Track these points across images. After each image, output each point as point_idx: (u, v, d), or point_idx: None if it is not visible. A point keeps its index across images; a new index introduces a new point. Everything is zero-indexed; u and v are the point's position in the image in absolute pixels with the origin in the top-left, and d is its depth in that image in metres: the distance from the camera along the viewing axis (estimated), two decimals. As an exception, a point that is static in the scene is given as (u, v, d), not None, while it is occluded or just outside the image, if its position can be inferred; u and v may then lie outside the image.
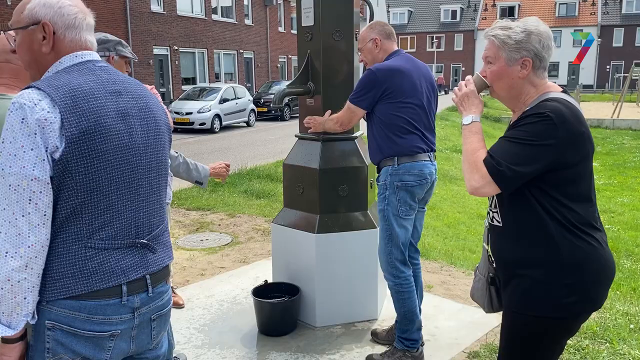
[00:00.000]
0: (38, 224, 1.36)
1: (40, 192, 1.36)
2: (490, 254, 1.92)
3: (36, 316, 1.41)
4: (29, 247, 1.35)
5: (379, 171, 3.04)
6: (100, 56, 2.62)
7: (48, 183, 1.37)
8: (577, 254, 1.72)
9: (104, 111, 1.45)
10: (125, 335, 1.52)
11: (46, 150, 1.36)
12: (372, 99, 2.91)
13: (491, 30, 1.82)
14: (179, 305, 3.90)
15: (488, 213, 1.93)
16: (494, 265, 1.92)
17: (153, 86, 2.89)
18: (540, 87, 1.80)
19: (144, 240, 1.56)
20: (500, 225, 1.84)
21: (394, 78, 2.88)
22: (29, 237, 1.35)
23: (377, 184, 3.04)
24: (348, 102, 3.01)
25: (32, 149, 1.35)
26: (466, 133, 1.82)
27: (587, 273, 1.73)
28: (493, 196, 1.85)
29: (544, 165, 1.67)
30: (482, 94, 1.91)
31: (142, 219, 1.57)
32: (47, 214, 1.38)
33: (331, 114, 3.25)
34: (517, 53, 1.76)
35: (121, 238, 1.50)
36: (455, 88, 1.93)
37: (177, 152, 2.70)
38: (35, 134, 1.35)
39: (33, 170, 1.35)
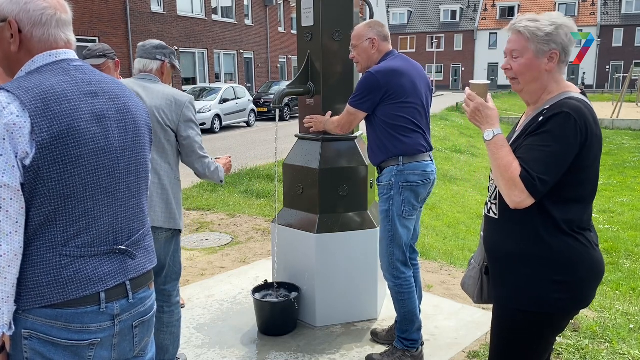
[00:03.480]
0: (10, 232, 1.31)
1: (11, 199, 1.30)
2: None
3: (13, 327, 1.36)
4: (0, 256, 1.30)
5: (380, 172, 3.03)
6: (158, 59, 2.64)
7: (19, 190, 1.31)
8: (567, 252, 1.74)
9: (77, 114, 1.39)
10: (106, 343, 1.47)
11: (16, 157, 1.30)
12: (372, 102, 2.89)
13: (519, 23, 1.79)
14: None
15: (486, 203, 1.93)
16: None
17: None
18: (561, 84, 1.80)
19: (122, 247, 1.51)
20: (496, 217, 1.85)
21: (394, 79, 2.87)
22: (0, 246, 1.30)
23: (379, 185, 3.02)
24: (348, 105, 2.98)
25: (0, 155, 1.29)
26: (492, 148, 1.76)
27: (576, 271, 1.75)
28: (495, 187, 1.86)
29: (568, 163, 1.68)
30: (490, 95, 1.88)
31: (121, 225, 1.51)
32: (19, 221, 1.33)
33: (332, 115, 3.25)
34: (546, 45, 1.75)
35: (98, 245, 1.45)
36: (464, 105, 1.89)
37: (213, 159, 2.77)
38: (4, 139, 1.29)
39: (2, 177, 1.29)
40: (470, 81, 1.87)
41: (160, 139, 2.56)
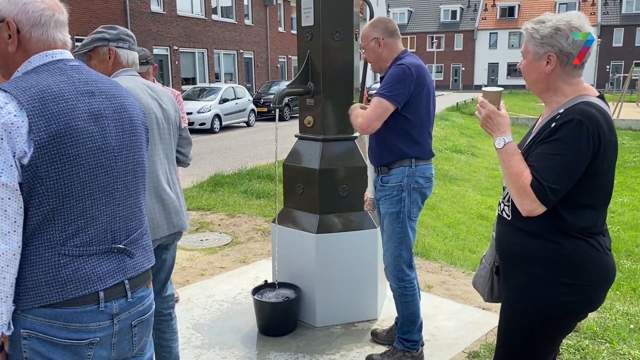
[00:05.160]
0: (8, 232, 1.31)
1: (9, 199, 1.30)
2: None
3: (12, 327, 1.36)
4: None
5: (387, 172, 2.93)
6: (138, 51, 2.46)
7: (17, 189, 1.31)
8: (578, 255, 1.73)
9: (74, 113, 1.39)
10: (105, 342, 1.47)
11: (14, 156, 1.30)
12: (406, 95, 2.77)
13: (526, 24, 1.82)
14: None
15: (499, 204, 1.94)
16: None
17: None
18: (576, 87, 1.78)
19: (120, 246, 1.51)
20: (509, 218, 1.85)
21: (423, 78, 2.82)
22: None
23: (384, 186, 2.94)
24: (379, 98, 2.76)
25: None
26: (503, 156, 1.76)
27: (586, 274, 1.74)
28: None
29: (580, 171, 1.67)
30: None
31: (119, 224, 1.52)
32: (18, 221, 1.33)
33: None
34: (541, 48, 1.75)
35: (96, 244, 1.45)
36: (476, 112, 1.89)
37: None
38: (2, 138, 1.29)
39: (0, 176, 1.29)
40: (483, 88, 1.88)
41: (173, 139, 2.50)
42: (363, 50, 3.04)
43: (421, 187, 2.90)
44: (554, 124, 1.70)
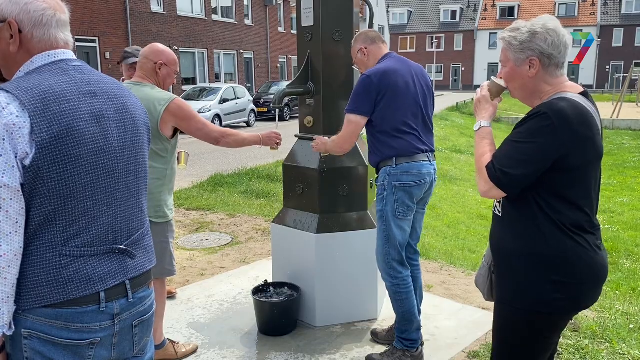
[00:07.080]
0: (10, 232, 1.31)
1: (11, 200, 1.31)
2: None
3: (13, 327, 1.37)
4: (0, 256, 1.30)
5: (377, 172, 3.03)
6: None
7: (18, 190, 1.32)
8: (565, 253, 1.74)
9: (76, 114, 1.40)
10: (105, 342, 1.48)
11: (16, 157, 1.30)
12: (371, 103, 2.87)
13: (502, 33, 1.88)
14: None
15: (494, 201, 1.97)
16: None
17: None
18: (557, 86, 1.81)
19: (122, 246, 1.51)
20: (500, 215, 1.88)
21: (387, 79, 2.86)
22: (0, 246, 1.30)
23: (376, 185, 3.03)
24: (348, 115, 2.92)
25: (0, 155, 1.29)
26: (476, 139, 1.89)
27: (574, 272, 1.75)
28: None
29: (542, 164, 1.69)
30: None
31: (120, 224, 1.52)
32: (19, 221, 1.33)
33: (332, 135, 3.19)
34: (522, 53, 1.79)
35: (98, 244, 1.46)
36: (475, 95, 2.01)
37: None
38: (4, 139, 1.29)
39: (2, 177, 1.29)
40: (492, 77, 1.95)
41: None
42: (356, 67, 3.15)
43: (405, 186, 2.91)
44: (525, 116, 1.77)
